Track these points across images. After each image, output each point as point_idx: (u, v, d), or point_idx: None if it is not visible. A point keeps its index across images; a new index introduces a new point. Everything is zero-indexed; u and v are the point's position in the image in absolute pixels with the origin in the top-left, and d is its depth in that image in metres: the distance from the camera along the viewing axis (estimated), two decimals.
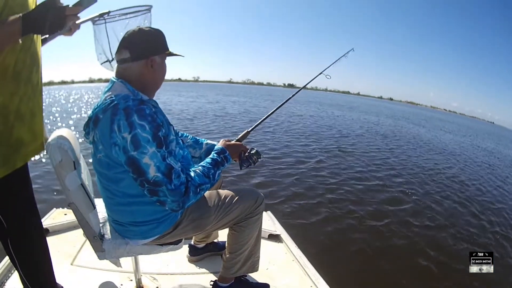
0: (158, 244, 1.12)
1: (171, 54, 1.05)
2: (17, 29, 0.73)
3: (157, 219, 1.04)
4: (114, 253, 1.08)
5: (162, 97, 18.14)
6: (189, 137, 1.35)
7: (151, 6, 1.20)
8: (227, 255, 1.27)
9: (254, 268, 1.32)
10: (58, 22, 0.77)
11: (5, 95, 0.83)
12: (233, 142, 1.24)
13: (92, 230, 1.05)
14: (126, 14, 1.18)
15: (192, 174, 1.00)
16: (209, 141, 1.35)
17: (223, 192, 1.20)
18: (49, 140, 0.99)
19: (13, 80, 0.84)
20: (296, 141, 7.33)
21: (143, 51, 0.97)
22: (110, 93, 0.94)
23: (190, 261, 1.57)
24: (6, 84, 0.82)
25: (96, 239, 1.06)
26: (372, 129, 11.81)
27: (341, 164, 5.57)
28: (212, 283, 1.35)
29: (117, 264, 1.15)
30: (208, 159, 1.10)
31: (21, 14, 0.74)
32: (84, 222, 1.03)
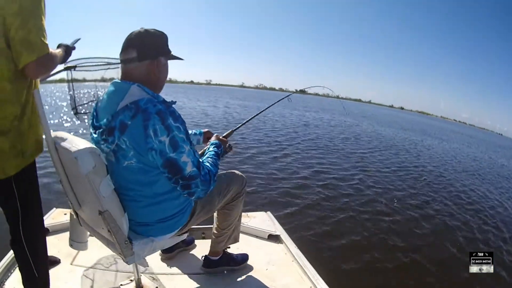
0: (177, 235, 1.18)
1: (174, 57, 1.07)
2: (61, 59, 1.14)
3: (180, 210, 1.10)
4: (142, 253, 1.07)
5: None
6: None
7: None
8: (218, 232, 1.43)
9: (236, 239, 1.52)
10: (70, 55, 1.21)
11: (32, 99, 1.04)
12: (222, 138, 1.38)
13: (123, 236, 1.00)
14: (96, 66, 1.30)
15: (207, 165, 1.09)
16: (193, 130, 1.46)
17: (218, 178, 1.25)
18: (76, 146, 0.92)
19: (32, 88, 1.05)
20: (298, 143, 7.35)
21: (151, 51, 0.98)
22: (129, 98, 0.91)
23: (163, 258, 1.57)
24: (31, 91, 1.04)
25: (127, 244, 1.01)
26: (379, 138, 11.27)
27: (345, 166, 5.58)
28: (203, 257, 1.48)
29: (145, 264, 1.14)
30: (211, 152, 1.21)
31: (63, 50, 1.14)
32: (117, 229, 0.97)
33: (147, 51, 0.97)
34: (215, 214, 1.43)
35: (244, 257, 1.57)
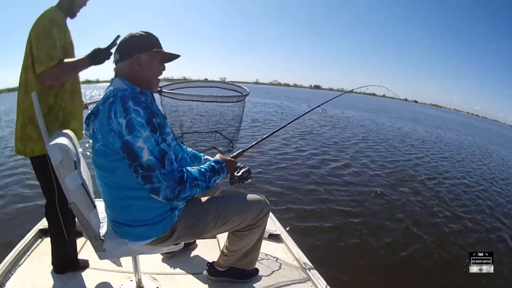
0: (159, 246, 1.12)
1: (164, 53, 1.09)
2: (87, 63, 1.30)
3: (152, 218, 1.03)
4: (115, 253, 1.08)
5: None
6: (188, 150, 1.35)
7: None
8: (227, 250, 1.34)
9: (252, 264, 1.39)
10: (107, 59, 1.32)
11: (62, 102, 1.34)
12: (228, 158, 1.26)
13: (92, 230, 1.05)
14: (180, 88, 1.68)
15: (188, 168, 1.03)
16: (208, 157, 1.37)
17: (225, 199, 1.20)
18: (50, 140, 1.02)
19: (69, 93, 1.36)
20: (304, 144, 7.33)
21: (128, 51, 1.05)
22: (111, 88, 1.02)
23: (164, 258, 1.57)
24: (65, 95, 1.34)
25: (96, 239, 1.06)
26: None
27: (345, 166, 5.56)
28: (208, 264, 1.42)
29: (118, 263, 1.14)
30: (205, 165, 1.12)
31: (87, 54, 1.30)
32: (85, 222, 1.03)
33: (125, 51, 1.06)
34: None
35: (254, 272, 1.44)
